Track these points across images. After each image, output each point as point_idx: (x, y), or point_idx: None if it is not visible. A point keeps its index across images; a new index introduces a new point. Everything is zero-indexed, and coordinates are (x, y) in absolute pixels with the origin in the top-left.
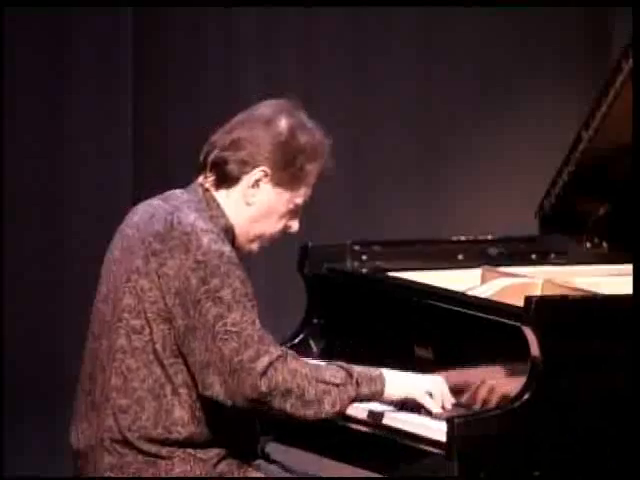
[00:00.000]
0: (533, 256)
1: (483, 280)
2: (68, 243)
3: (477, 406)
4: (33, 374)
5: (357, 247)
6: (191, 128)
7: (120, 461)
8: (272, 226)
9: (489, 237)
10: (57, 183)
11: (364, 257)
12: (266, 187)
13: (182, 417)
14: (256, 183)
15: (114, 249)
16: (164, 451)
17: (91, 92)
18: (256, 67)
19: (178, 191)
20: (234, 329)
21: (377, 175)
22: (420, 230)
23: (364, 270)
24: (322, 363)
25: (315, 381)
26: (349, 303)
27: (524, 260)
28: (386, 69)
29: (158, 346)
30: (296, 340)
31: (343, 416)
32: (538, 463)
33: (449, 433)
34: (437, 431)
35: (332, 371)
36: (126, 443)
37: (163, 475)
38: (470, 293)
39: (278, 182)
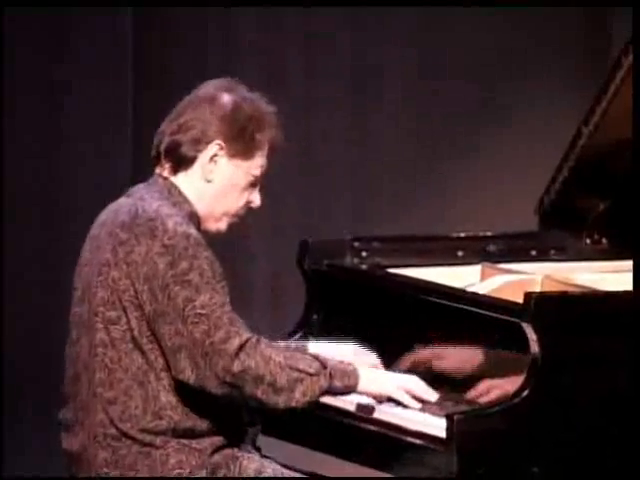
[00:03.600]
0: (533, 252)
1: (483, 277)
2: (67, 243)
3: (477, 402)
4: (33, 374)
5: (357, 243)
6: None
7: (114, 456)
8: (235, 201)
9: (489, 233)
10: (56, 183)
11: (364, 253)
12: (223, 161)
13: (169, 401)
14: (212, 158)
15: (83, 254)
16: (158, 440)
17: (91, 92)
18: (256, 67)
19: (140, 185)
20: (203, 311)
21: (376, 171)
22: (419, 227)
23: (364, 266)
24: (297, 353)
25: (288, 368)
26: (349, 299)
27: (524, 256)
28: (385, 69)
29: (136, 333)
30: (296, 336)
31: (339, 411)
32: (537, 459)
33: (449, 429)
34: (436, 427)
35: (307, 361)
36: (120, 435)
37: (158, 466)
38: (470, 289)
39: (233, 154)
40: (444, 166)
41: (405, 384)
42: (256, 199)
